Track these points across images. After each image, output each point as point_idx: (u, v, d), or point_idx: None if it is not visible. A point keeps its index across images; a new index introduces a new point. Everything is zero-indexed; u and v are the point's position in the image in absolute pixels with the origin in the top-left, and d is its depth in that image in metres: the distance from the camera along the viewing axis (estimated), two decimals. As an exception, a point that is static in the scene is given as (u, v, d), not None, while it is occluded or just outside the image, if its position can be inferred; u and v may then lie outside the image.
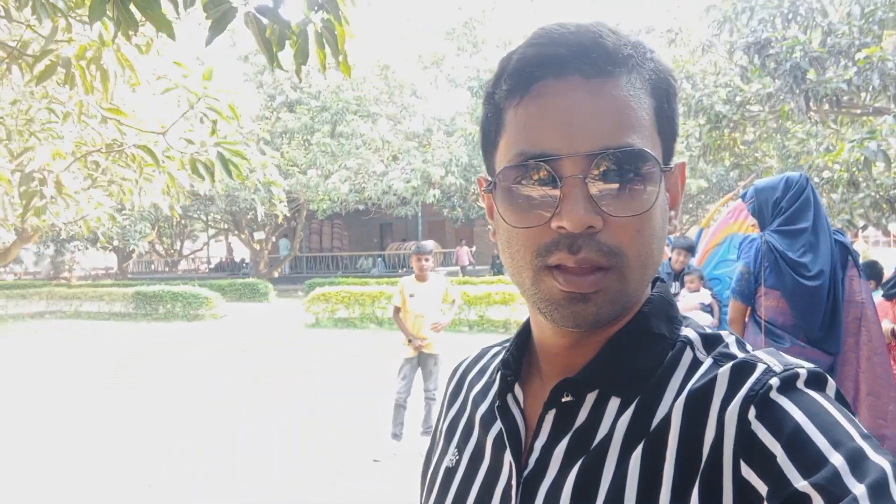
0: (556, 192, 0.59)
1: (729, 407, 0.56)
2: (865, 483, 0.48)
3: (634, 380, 0.64)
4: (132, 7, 2.25)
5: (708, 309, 6.48)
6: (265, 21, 2.86)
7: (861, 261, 3.22)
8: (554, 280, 0.61)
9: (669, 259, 6.46)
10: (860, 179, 8.36)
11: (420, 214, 23.20)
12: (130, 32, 2.34)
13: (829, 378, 0.58)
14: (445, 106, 20.33)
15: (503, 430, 0.70)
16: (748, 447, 0.54)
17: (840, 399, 0.56)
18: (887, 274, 5.94)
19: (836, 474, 0.49)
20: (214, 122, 3.98)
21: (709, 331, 0.67)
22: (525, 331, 0.76)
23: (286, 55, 2.96)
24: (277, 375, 9.48)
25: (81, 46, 3.15)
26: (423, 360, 5.68)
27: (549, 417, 0.67)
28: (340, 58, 2.86)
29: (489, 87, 0.67)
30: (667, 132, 0.65)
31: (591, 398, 0.65)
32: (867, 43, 6.52)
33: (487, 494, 0.70)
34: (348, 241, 31.19)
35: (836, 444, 0.51)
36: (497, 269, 21.74)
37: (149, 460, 5.73)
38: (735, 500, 0.54)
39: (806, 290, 2.96)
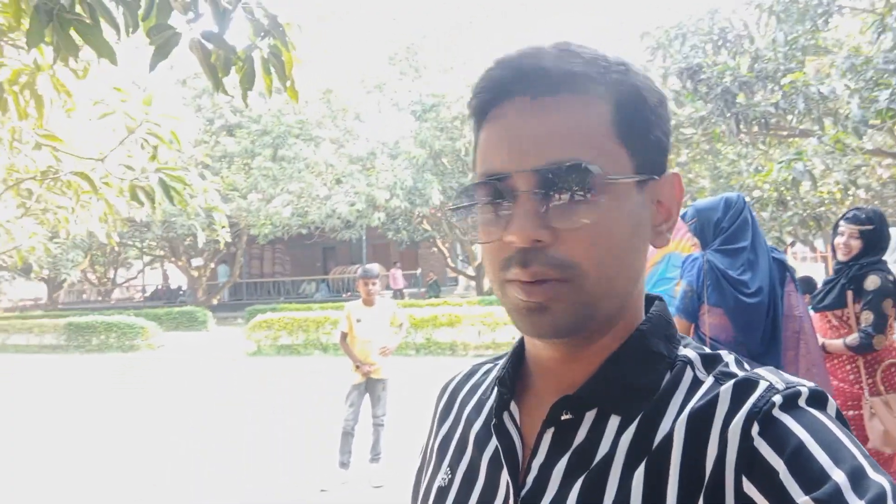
0: (509, 209, 0.61)
1: (731, 424, 0.57)
2: (865, 499, 0.48)
3: (634, 399, 0.64)
4: (72, 32, 2.19)
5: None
6: (210, 46, 2.83)
7: (795, 276, 3.39)
8: (514, 292, 0.62)
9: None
10: (788, 198, 8.76)
11: (364, 238, 23.11)
12: (70, 58, 2.28)
13: (829, 397, 0.59)
14: (389, 130, 20.41)
15: (499, 448, 0.69)
16: (750, 463, 0.54)
17: (840, 418, 0.57)
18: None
19: (838, 490, 0.49)
20: (155, 147, 3.89)
21: (708, 351, 0.68)
22: (520, 347, 0.76)
23: (232, 80, 2.93)
24: (219, 405, 9.21)
25: (15, 71, 3.04)
26: (371, 386, 5.61)
27: (548, 436, 0.66)
28: (288, 83, 2.85)
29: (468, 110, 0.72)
30: (637, 143, 0.64)
31: (590, 416, 0.65)
32: (792, 68, 6.89)
33: None
34: (290, 266, 30.72)
35: (837, 462, 0.51)
36: (433, 292, 21.70)
37: (83, 496, 5.46)
38: None
39: (747, 307, 3.05)
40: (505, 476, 0.67)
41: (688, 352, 0.67)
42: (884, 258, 3.64)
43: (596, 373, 0.66)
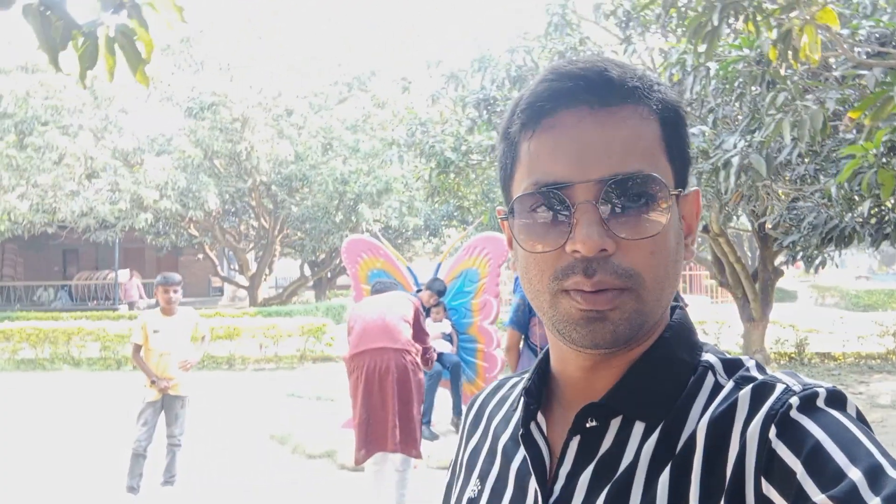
0: (570, 218, 0.63)
1: (750, 427, 0.59)
2: (882, 496, 0.50)
3: (658, 405, 0.66)
4: None
5: (448, 337, 6.98)
6: (48, 14, 2.48)
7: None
8: (571, 300, 0.64)
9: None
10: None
11: (118, 241, 21.01)
12: None
13: (848, 397, 0.61)
14: (158, 125, 18.80)
15: (527, 458, 0.71)
16: (769, 465, 0.56)
17: (860, 418, 0.59)
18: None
19: (854, 488, 0.51)
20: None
21: (729, 356, 0.71)
22: (545, 360, 0.78)
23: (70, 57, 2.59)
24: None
25: None
26: (168, 403, 5.15)
27: (574, 444, 0.68)
28: (142, 66, 2.57)
29: (504, 124, 0.72)
30: (677, 159, 0.69)
31: (615, 424, 0.67)
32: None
33: None
34: (23, 269, 26.80)
35: (854, 460, 0.53)
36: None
37: None
38: None
39: None
40: (533, 485, 0.69)
41: (709, 357, 0.70)
42: None
43: (621, 380, 0.68)
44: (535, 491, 0.69)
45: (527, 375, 0.79)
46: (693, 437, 0.62)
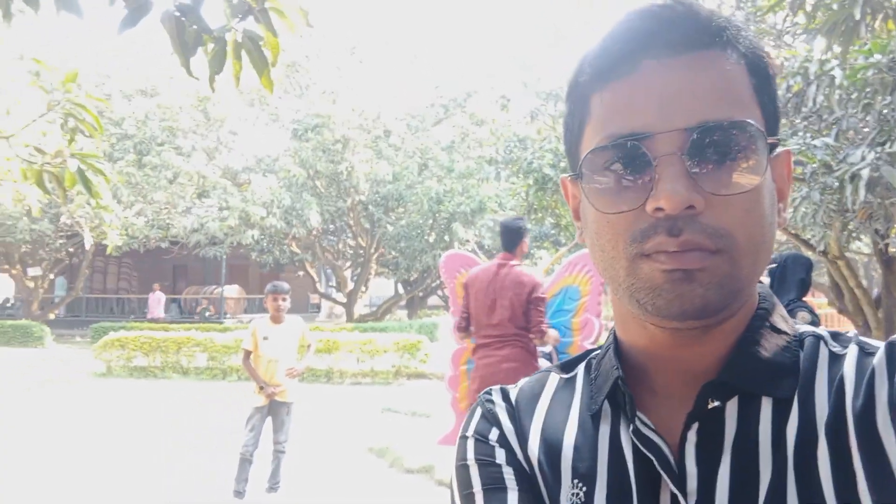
0: (651, 173, 0.55)
1: None
2: None
3: (779, 378, 0.60)
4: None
5: (548, 357, 6.81)
6: (183, 20, 2.58)
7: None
8: (654, 262, 0.55)
9: None
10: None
11: (224, 257, 22.03)
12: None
13: None
14: (264, 146, 19.71)
15: (649, 456, 0.60)
16: None
17: None
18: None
19: None
20: (73, 130, 3.47)
21: (829, 329, 0.66)
22: (615, 346, 0.68)
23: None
24: (82, 431, 8.25)
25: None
26: (274, 410, 5.26)
27: (692, 433, 0.59)
28: (266, 72, 2.64)
29: (572, 78, 0.63)
30: (769, 111, 0.60)
31: (732, 405, 0.59)
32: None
33: None
34: (137, 283, 28.56)
35: None
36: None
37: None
38: None
39: None
40: (668, 488, 0.59)
41: (810, 329, 0.65)
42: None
43: (733, 355, 0.60)
44: (672, 494, 0.59)
45: (604, 365, 0.69)
46: (839, 408, 0.56)
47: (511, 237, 4.60)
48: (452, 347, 6.35)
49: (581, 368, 0.74)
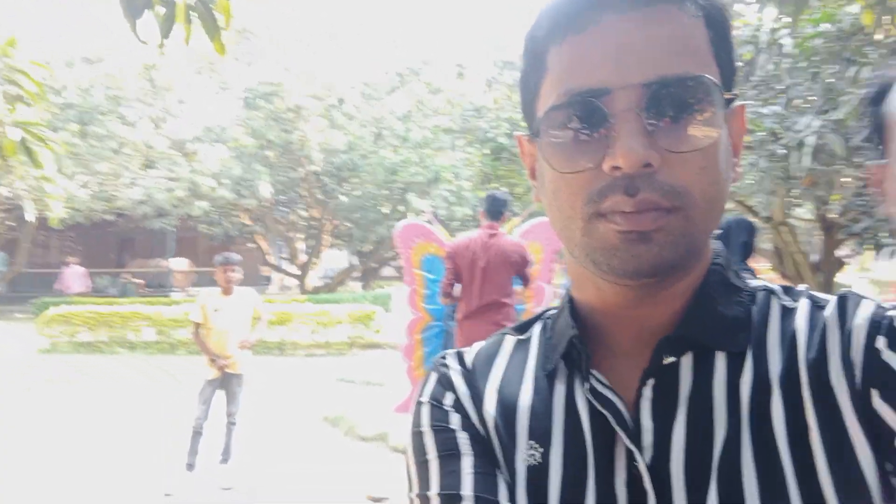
0: (608, 130, 0.54)
1: (853, 338, 0.55)
2: None
3: (732, 332, 0.60)
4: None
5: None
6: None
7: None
8: (609, 223, 0.55)
9: None
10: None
11: (173, 229, 21.49)
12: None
13: None
14: (213, 114, 19.15)
15: (604, 413, 0.60)
16: (883, 378, 0.53)
17: None
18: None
19: None
20: (15, 98, 3.31)
21: (780, 284, 0.67)
22: (571, 304, 0.68)
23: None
24: (25, 408, 8.02)
25: None
26: (226, 382, 5.19)
27: (648, 389, 0.59)
28: (219, 34, 2.55)
29: (528, 33, 0.62)
30: (726, 66, 0.60)
31: (686, 360, 0.60)
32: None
33: (608, 490, 0.59)
34: (82, 257, 27.68)
35: None
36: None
37: None
38: (864, 433, 0.53)
39: None
40: (623, 444, 0.59)
41: (762, 283, 0.65)
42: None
43: (687, 310, 0.61)
44: (626, 450, 0.59)
45: (546, 322, 0.70)
46: (791, 360, 0.57)
47: (498, 207, 4.80)
48: (407, 317, 6.36)
49: (536, 329, 0.73)
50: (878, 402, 0.52)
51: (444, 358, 0.73)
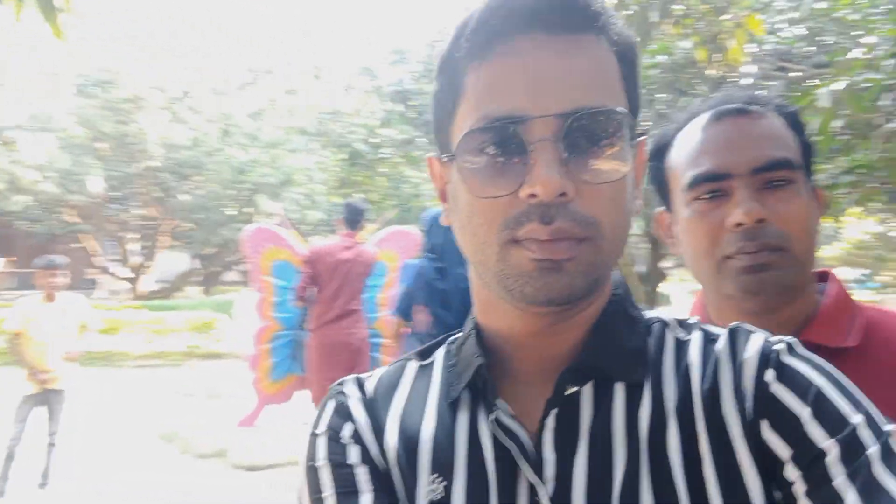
0: (525, 158, 0.55)
1: (744, 371, 0.57)
2: (881, 442, 0.52)
3: (631, 363, 0.61)
4: None
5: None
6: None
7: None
8: (524, 250, 0.56)
9: None
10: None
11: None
12: None
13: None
14: (43, 101, 17.31)
15: (508, 446, 0.59)
16: (771, 409, 0.55)
17: None
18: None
19: (857, 433, 0.52)
20: None
21: (677, 316, 0.69)
22: (476, 332, 0.67)
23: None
24: None
25: None
26: (46, 398, 4.68)
27: (551, 420, 0.59)
28: (55, 16, 2.28)
29: (445, 51, 0.61)
30: (634, 100, 0.62)
31: (587, 390, 0.60)
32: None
33: None
34: None
35: (856, 406, 0.54)
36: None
37: None
38: (755, 463, 0.55)
39: (443, 307, 3.53)
40: (525, 477, 0.58)
41: (657, 315, 0.67)
42: None
43: (588, 340, 0.62)
44: (530, 483, 0.58)
45: (465, 352, 0.66)
46: (686, 392, 0.58)
47: (355, 216, 4.83)
48: (254, 326, 6.09)
49: (439, 355, 0.71)
50: (767, 433, 0.54)
51: (341, 385, 0.70)
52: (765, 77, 4.62)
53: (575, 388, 0.59)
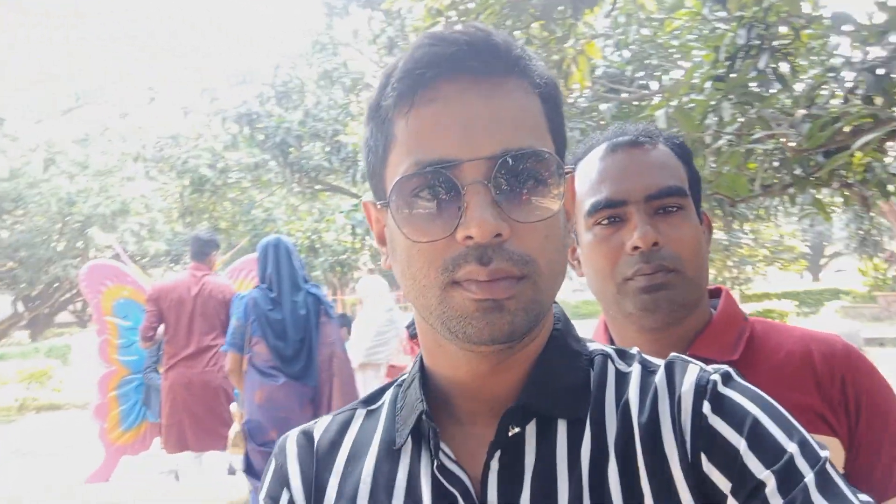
0: (459, 201, 0.56)
1: (682, 404, 0.58)
2: (815, 470, 0.53)
3: (577, 400, 0.62)
4: None
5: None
6: None
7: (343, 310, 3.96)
8: (465, 291, 0.57)
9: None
10: (318, 246, 9.65)
11: None
12: None
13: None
14: None
15: (455, 493, 0.60)
16: (709, 442, 0.56)
17: None
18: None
19: (792, 462, 0.53)
20: None
21: (614, 346, 0.70)
22: (421, 375, 0.68)
23: None
24: None
25: None
26: None
27: (495, 462, 0.60)
28: None
29: (373, 99, 0.63)
30: (559, 138, 0.64)
31: (531, 429, 0.61)
32: (338, 130, 7.72)
33: None
34: None
35: (790, 435, 0.55)
36: None
37: None
38: (696, 496, 0.56)
39: (278, 338, 3.52)
40: None
41: (599, 347, 0.69)
42: None
43: (531, 377, 0.63)
44: None
45: (410, 396, 0.67)
46: (625, 426, 0.60)
47: (201, 248, 4.69)
48: (97, 372, 5.61)
49: (388, 397, 0.72)
50: (707, 466, 0.55)
51: (286, 441, 0.71)
52: (598, 99, 4.98)
53: (517, 430, 0.60)
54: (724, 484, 0.54)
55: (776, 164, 2.49)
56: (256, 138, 7.66)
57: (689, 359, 0.63)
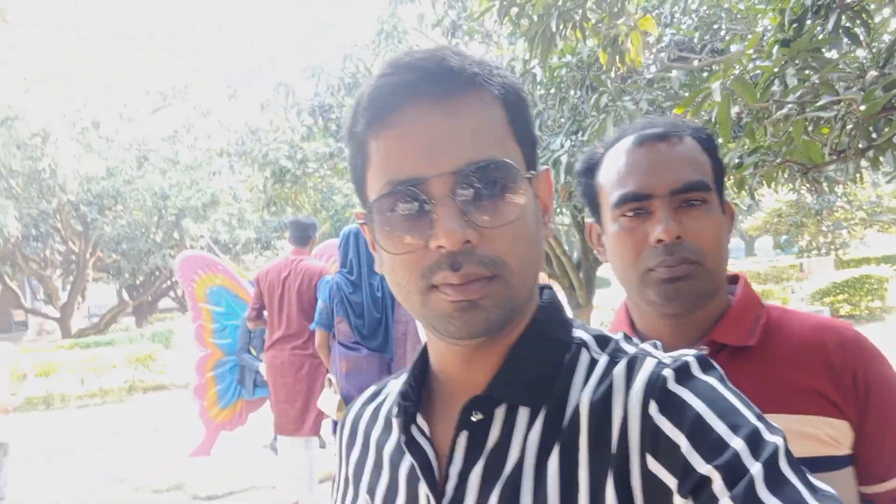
0: (429, 214, 0.62)
1: (630, 402, 0.60)
2: (762, 461, 0.53)
3: (538, 388, 0.66)
4: None
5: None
6: None
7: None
8: (442, 294, 0.63)
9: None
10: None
11: None
12: None
13: (713, 361, 0.64)
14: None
15: (414, 463, 0.69)
16: (654, 441, 0.57)
17: (726, 381, 0.62)
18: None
19: (737, 456, 0.54)
20: None
21: (602, 331, 0.72)
22: (422, 359, 0.77)
23: None
24: None
25: None
26: (-15, 454, 4.52)
27: (462, 440, 0.67)
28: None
29: (348, 124, 0.69)
30: (525, 141, 0.68)
31: (500, 413, 0.67)
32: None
33: None
34: None
35: (735, 429, 0.56)
36: None
37: None
38: (645, 496, 0.57)
39: (358, 317, 3.89)
40: (424, 489, 0.67)
41: (581, 333, 0.71)
42: None
43: (500, 368, 0.68)
44: (427, 496, 0.67)
45: (402, 378, 0.78)
46: (576, 416, 0.63)
47: (302, 233, 4.90)
48: (196, 354, 6.00)
49: (403, 377, 0.80)
50: (653, 465, 0.57)
51: (350, 409, 0.86)
52: (666, 68, 4.87)
53: (480, 416, 0.66)
54: (670, 481, 0.56)
55: (849, 127, 2.40)
56: (330, 129, 7.88)
57: (653, 351, 0.65)
